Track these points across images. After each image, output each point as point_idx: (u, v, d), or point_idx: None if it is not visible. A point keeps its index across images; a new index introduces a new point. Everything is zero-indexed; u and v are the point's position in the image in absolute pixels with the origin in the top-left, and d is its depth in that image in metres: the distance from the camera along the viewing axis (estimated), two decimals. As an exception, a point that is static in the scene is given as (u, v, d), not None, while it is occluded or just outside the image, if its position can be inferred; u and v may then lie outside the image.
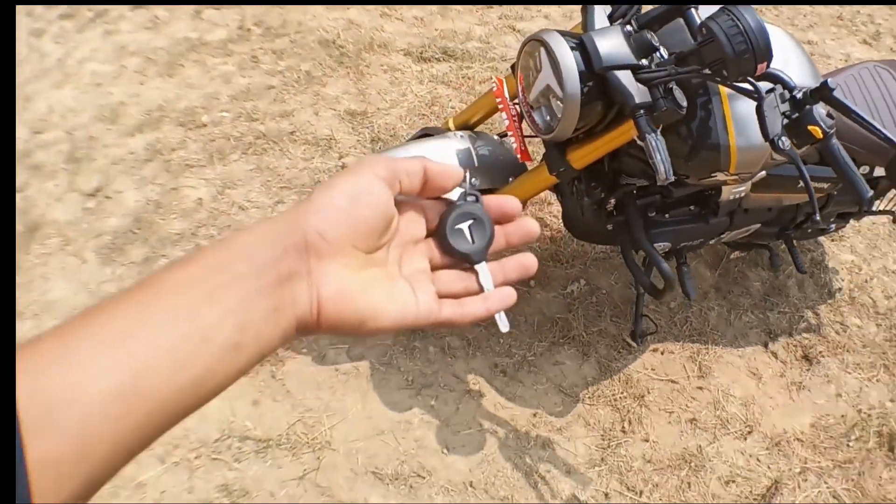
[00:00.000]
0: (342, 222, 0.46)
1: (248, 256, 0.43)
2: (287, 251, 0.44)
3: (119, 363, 0.37)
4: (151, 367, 0.37)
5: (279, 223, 0.45)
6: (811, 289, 2.54)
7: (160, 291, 0.40)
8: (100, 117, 2.67)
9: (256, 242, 0.44)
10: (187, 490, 1.87)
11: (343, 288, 0.46)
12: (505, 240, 0.57)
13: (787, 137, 1.35)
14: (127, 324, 0.38)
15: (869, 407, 2.32)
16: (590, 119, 1.55)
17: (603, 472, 2.04)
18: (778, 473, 2.13)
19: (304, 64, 2.89)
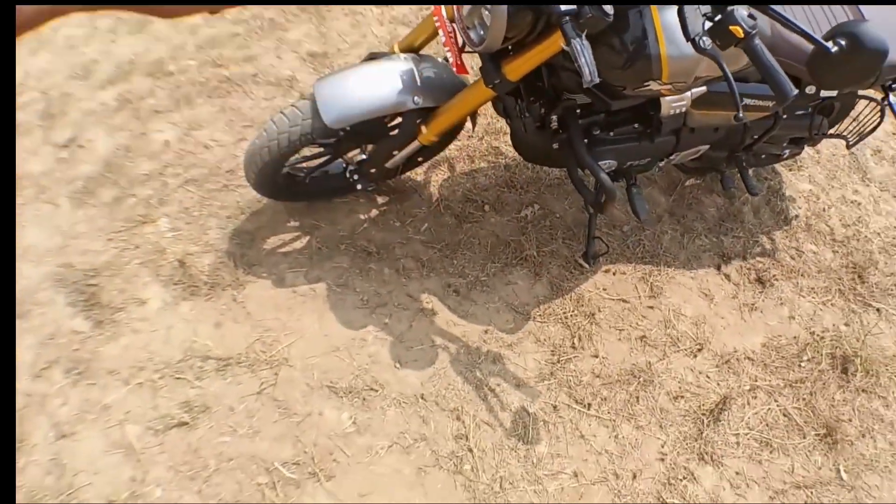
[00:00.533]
0: None
1: None
2: None
3: None
4: None
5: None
6: (767, 215, 2.58)
7: None
8: (73, 75, 2.73)
9: None
10: (151, 408, 1.93)
11: None
12: None
13: (707, 37, 1.39)
14: None
15: (822, 329, 2.36)
16: (519, 29, 1.59)
17: (552, 385, 2.09)
18: (727, 390, 2.18)
19: (268, 11, 2.94)
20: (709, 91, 1.87)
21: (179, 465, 1.85)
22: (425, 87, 1.88)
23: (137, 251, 2.23)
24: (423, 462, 1.93)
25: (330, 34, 2.89)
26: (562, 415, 2.05)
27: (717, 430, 2.10)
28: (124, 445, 1.87)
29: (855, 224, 2.64)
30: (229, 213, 2.30)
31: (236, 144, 2.47)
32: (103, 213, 2.32)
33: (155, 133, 2.52)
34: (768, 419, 2.16)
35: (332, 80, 1.89)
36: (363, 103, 1.85)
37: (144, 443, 1.87)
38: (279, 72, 2.73)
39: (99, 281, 2.16)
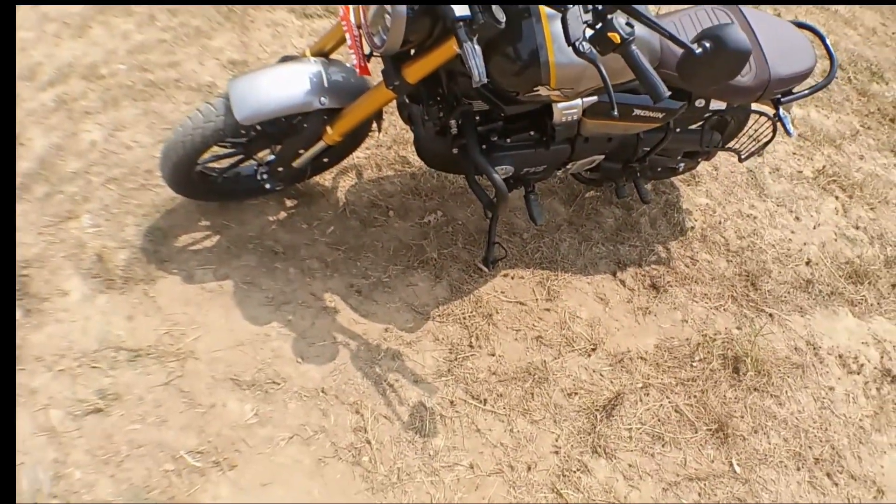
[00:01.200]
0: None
1: None
2: None
3: None
4: None
5: None
6: (663, 226, 2.68)
7: None
8: (20, 76, 2.76)
9: None
10: (71, 394, 1.96)
11: None
12: None
13: (587, 42, 1.47)
14: None
15: (714, 332, 2.45)
16: (418, 34, 1.67)
17: (449, 381, 2.16)
18: (620, 387, 2.26)
19: (195, 20, 3.00)
20: (599, 101, 1.97)
21: (95, 450, 1.88)
22: (332, 89, 1.95)
23: (62, 245, 2.25)
24: (322, 453, 1.97)
25: (251, 44, 2.95)
26: (458, 410, 2.11)
27: (610, 426, 2.18)
28: (48, 428, 1.90)
29: (750, 236, 2.75)
30: (145, 210, 2.34)
31: (155, 145, 2.51)
32: (35, 207, 2.34)
33: (84, 133, 2.55)
34: (660, 415, 2.24)
35: (245, 79, 1.95)
36: (273, 101, 1.91)
37: (65, 427, 1.91)
38: (200, 77, 2.78)
39: (29, 272, 2.18)
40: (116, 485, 1.85)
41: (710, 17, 2.20)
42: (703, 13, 2.21)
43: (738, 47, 1.49)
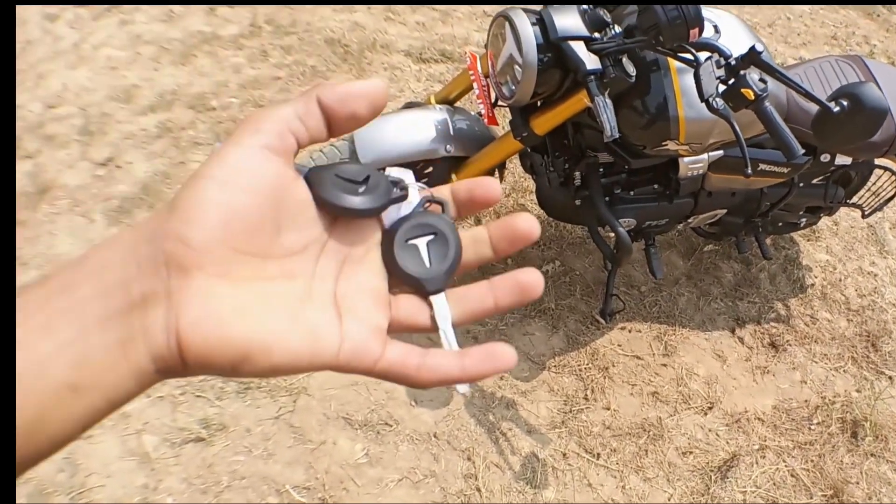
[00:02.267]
0: (210, 217, 0.36)
1: (96, 275, 0.35)
2: (142, 267, 0.35)
3: None
4: None
5: (137, 230, 0.37)
6: (783, 283, 2.71)
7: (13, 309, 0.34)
8: (113, 97, 2.93)
9: (108, 257, 0.36)
10: (170, 421, 2.06)
11: (213, 310, 0.36)
12: (491, 245, 0.46)
13: (720, 98, 1.54)
14: None
15: (834, 395, 2.46)
16: (548, 86, 1.76)
17: (563, 434, 2.21)
18: (736, 448, 2.28)
19: (310, 59, 3.15)
20: (725, 155, 2.03)
21: (193, 478, 1.97)
22: (458, 137, 2.04)
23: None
24: (431, 497, 2.04)
25: (368, 87, 3.09)
26: (570, 462, 2.16)
27: (725, 487, 2.20)
28: (140, 453, 1.99)
29: (871, 294, 2.76)
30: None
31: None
32: (138, 233, 2.47)
33: (194, 163, 2.70)
34: (776, 478, 2.25)
35: (371, 124, 2.06)
36: (398, 147, 2.01)
37: (160, 453, 2.00)
38: (318, 117, 2.92)
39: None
40: (213, 514, 1.94)
41: (834, 69, 2.25)
42: (827, 65, 2.26)
43: (876, 106, 1.55)
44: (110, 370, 0.34)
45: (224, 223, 0.36)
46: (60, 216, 2.51)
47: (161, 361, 0.35)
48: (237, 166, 0.37)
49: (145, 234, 0.36)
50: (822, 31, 3.82)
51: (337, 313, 0.41)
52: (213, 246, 0.36)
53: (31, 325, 0.33)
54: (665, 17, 1.50)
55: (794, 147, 1.53)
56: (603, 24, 1.72)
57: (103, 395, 0.34)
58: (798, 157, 1.53)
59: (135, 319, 0.34)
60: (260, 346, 0.36)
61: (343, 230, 0.43)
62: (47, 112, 2.86)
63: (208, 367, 0.36)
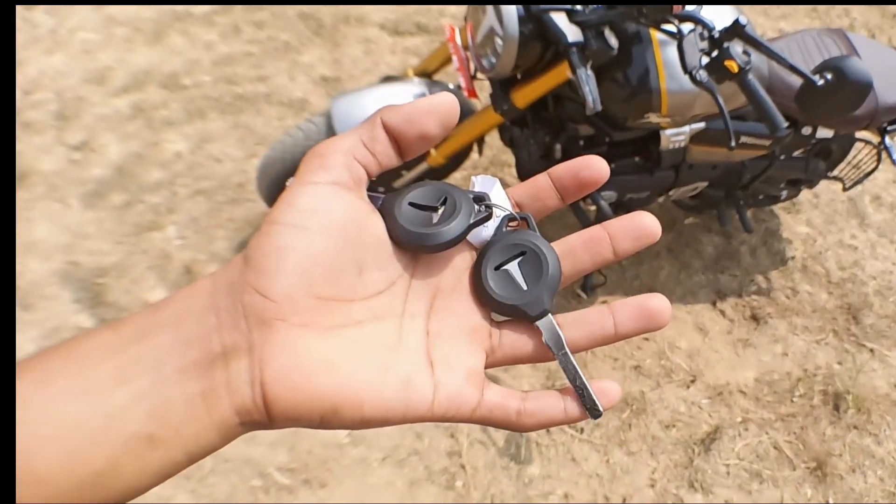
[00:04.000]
0: (287, 266, 0.35)
1: (173, 325, 0.35)
2: (221, 319, 0.35)
3: None
4: (46, 451, 0.31)
5: (215, 280, 0.36)
6: (764, 256, 2.74)
7: (67, 361, 0.34)
8: (88, 80, 2.91)
9: (185, 307, 0.35)
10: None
11: (298, 363, 0.35)
12: (611, 244, 0.42)
13: (704, 71, 1.56)
14: (27, 394, 0.32)
15: (815, 367, 2.50)
16: (529, 58, 1.77)
17: (546, 408, 2.23)
18: (719, 421, 2.32)
19: (283, 34, 3.15)
20: (707, 128, 2.05)
21: (175, 463, 1.98)
22: None
23: (145, 255, 2.38)
24: (415, 476, 2.06)
25: (343, 60, 3.09)
26: (554, 438, 2.19)
27: (708, 460, 2.23)
28: None
29: (851, 267, 2.80)
30: (237, 225, 2.46)
31: (247, 160, 2.64)
32: (113, 216, 2.47)
33: (167, 143, 2.69)
34: (759, 451, 2.29)
35: (349, 98, 2.06)
36: None
37: None
38: (291, 93, 2.92)
39: (105, 280, 2.30)
40: (197, 499, 1.94)
41: (816, 42, 2.27)
42: (808, 38, 2.28)
43: (861, 79, 1.57)
44: (191, 422, 0.34)
45: (302, 271, 0.35)
46: (37, 202, 2.50)
47: (246, 415, 0.35)
48: (309, 208, 0.36)
49: (223, 285, 0.36)
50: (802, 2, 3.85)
51: (429, 359, 0.39)
52: (294, 296, 0.35)
53: (102, 371, 0.33)
54: None
55: (778, 120, 1.55)
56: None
57: (183, 447, 0.34)
58: (781, 130, 1.55)
59: (217, 372, 0.34)
60: (350, 400, 0.36)
61: (429, 260, 0.41)
62: (24, 98, 2.84)
63: (296, 421, 0.36)
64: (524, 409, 0.40)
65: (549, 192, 0.44)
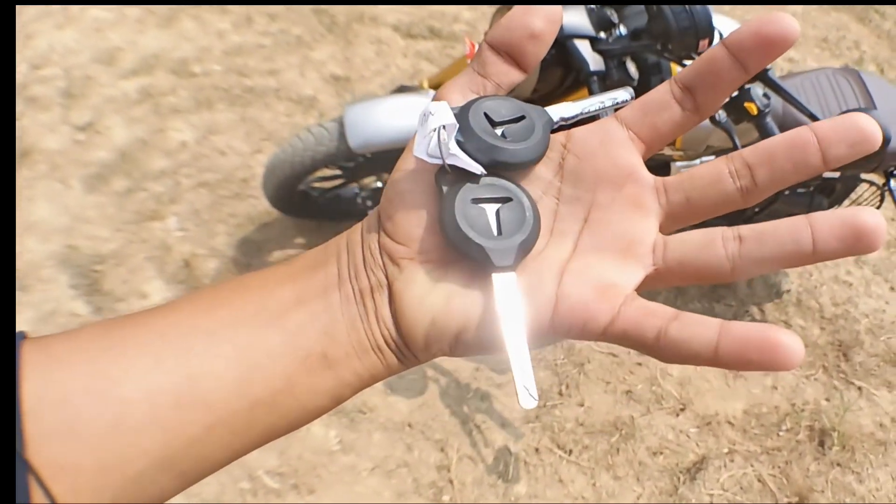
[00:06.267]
0: (403, 211, 0.37)
1: (331, 263, 0.37)
2: (366, 260, 0.37)
3: (175, 362, 0.32)
4: (216, 372, 0.32)
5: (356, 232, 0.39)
6: (760, 287, 2.72)
7: (243, 288, 0.36)
8: (97, 59, 2.85)
9: (334, 251, 0.38)
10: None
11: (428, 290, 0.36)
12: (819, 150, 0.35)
13: (723, 112, 1.53)
14: (193, 321, 0.33)
15: (803, 402, 2.49)
16: (549, 83, 1.74)
17: (536, 428, 2.21)
18: (706, 451, 2.30)
19: (296, 28, 3.09)
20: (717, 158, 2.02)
21: (164, 463, 1.95)
22: None
23: (144, 245, 2.33)
24: (403, 488, 2.03)
25: (354, 59, 3.03)
26: (543, 458, 2.17)
27: (693, 489, 2.22)
28: None
29: (845, 304, 2.79)
30: (239, 220, 2.42)
31: (252, 155, 2.59)
32: (114, 201, 2.42)
33: (173, 131, 2.64)
34: (743, 483, 2.28)
35: (362, 106, 2.02)
36: (389, 132, 1.97)
37: None
38: (301, 90, 2.86)
39: (103, 268, 2.26)
40: (186, 498, 1.91)
41: (831, 82, 2.24)
42: (823, 78, 2.25)
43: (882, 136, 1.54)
44: (357, 343, 0.36)
45: (416, 215, 0.37)
46: (38, 181, 2.44)
47: (392, 344, 0.37)
48: (409, 159, 0.38)
49: (364, 230, 0.38)
50: (814, 32, 3.81)
51: (559, 273, 0.36)
52: (415, 236, 0.36)
53: (281, 294, 0.35)
54: (676, 26, 1.48)
55: None
56: (609, 25, 1.69)
57: (352, 368, 0.36)
58: None
59: (367, 301, 0.36)
60: (478, 319, 0.36)
61: (577, 174, 0.38)
62: (32, 73, 2.78)
63: (431, 345, 0.37)
64: (666, 331, 0.34)
65: (727, 63, 0.36)
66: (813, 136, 0.34)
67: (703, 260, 0.36)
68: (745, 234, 0.35)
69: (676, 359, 0.34)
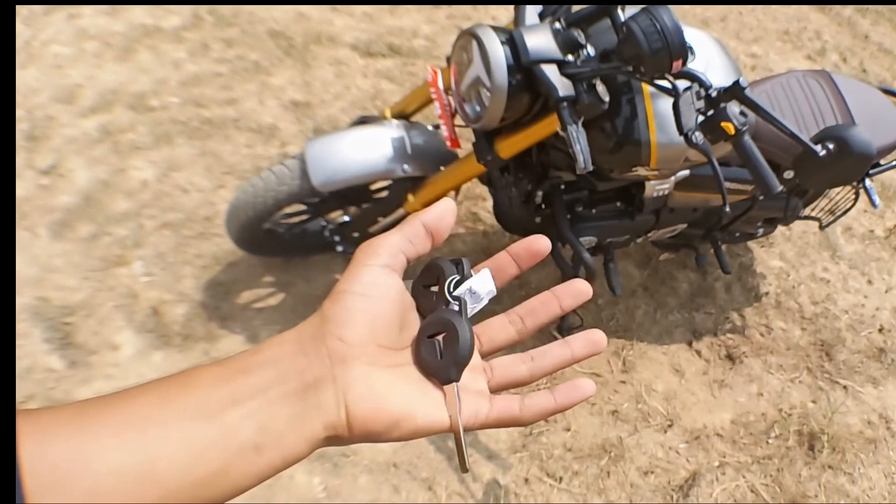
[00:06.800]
0: (357, 321, 0.46)
1: (273, 363, 0.44)
2: (311, 359, 0.45)
3: (136, 445, 0.38)
4: (168, 456, 0.39)
5: (299, 333, 0.47)
6: (738, 292, 2.67)
7: (185, 387, 0.42)
8: (58, 98, 2.73)
9: (281, 351, 0.45)
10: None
11: (371, 389, 0.46)
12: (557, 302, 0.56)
13: (700, 132, 1.45)
14: (148, 412, 0.40)
15: (790, 406, 2.44)
16: (516, 110, 1.64)
17: (524, 458, 2.14)
18: (697, 466, 2.24)
19: (253, 53, 2.98)
20: (692, 174, 1.95)
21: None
22: (415, 156, 1.92)
23: (112, 293, 2.23)
24: (391, 530, 1.96)
25: (314, 83, 2.93)
26: (533, 488, 2.10)
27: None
28: None
29: (824, 301, 2.74)
30: (205, 262, 2.32)
31: (214, 191, 2.49)
32: (80, 248, 2.33)
33: (134, 170, 2.54)
34: (736, 495, 2.22)
35: (323, 142, 1.93)
36: (352, 168, 1.88)
37: None
38: (261, 118, 2.76)
39: (74, 320, 2.16)
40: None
41: (801, 85, 2.18)
42: (794, 81, 2.19)
43: (864, 151, 1.47)
44: (289, 435, 0.43)
45: (369, 326, 0.47)
46: (0, 231, 2.33)
47: (331, 430, 0.45)
48: (370, 282, 0.48)
49: (308, 335, 0.46)
50: (775, 25, 3.77)
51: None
52: (364, 342, 0.46)
53: (216, 396, 0.42)
54: (648, 49, 1.40)
55: (772, 183, 1.46)
56: (576, 46, 1.59)
57: (281, 455, 0.43)
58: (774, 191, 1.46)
59: (310, 397, 0.44)
60: (408, 414, 0.46)
61: None
62: (-10, 117, 2.65)
63: (368, 434, 0.46)
64: (525, 405, 0.52)
65: (509, 263, 0.57)
66: (555, 297, 0.57)
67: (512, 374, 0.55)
68: (535, 355, 0.56)
69: (535, 417, 0.52)
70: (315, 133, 2.73)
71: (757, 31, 3.68)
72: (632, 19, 1.44)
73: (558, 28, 1.61)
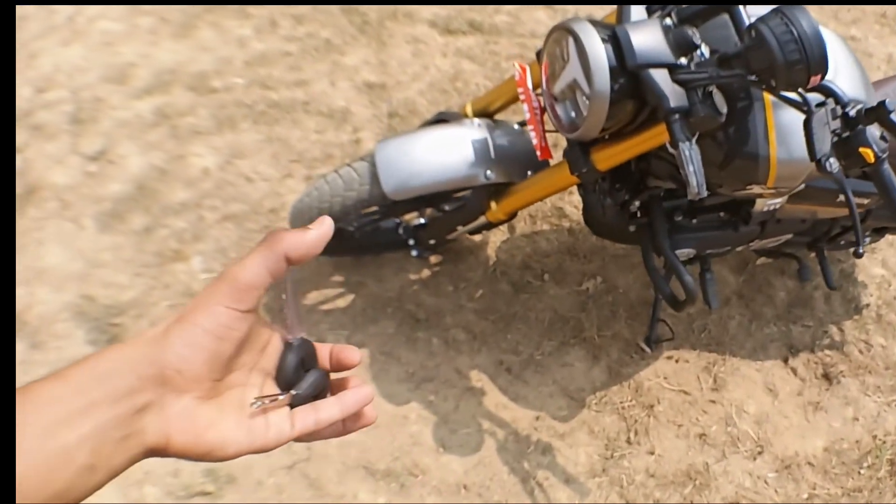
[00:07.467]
0: (199, 359, 0.49)
1: (107, 378, 0.46)
2: (143, 382, 0.47)
3: (21, 447, 0.42)
4: (25, 476, 0.42)
5: (139, 351, 0.48)
6: (838, 302, 2.43)
7: (34, 405, 0.44)
8: (107, 78, 2.59)
9: (115, 369, 0.47)
10: (171, 473, 1.82)
11: (193, 423, 0.50)
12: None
13: (835, 159, 1.23)
14: (23, 417, 0.43)
15: (885, 433, 2.22)
16: (618, 120, 1.43)
17: (603, 483, 1.96)
18: (785, 498, 2.05)
19: (324, 31, 2.77)
20: (807, 186, 1.71)
21: (200, 537, 1.75)
22: (499, 160, 1.73)
23: (167, 291, 2.11)
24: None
25: (389, 63, 2.72)
26: (620, 520, 1.93)
27: (772, 541, 1.98)
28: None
29: (928, 315, 2.50)
30: (269, 259, 2.17)
31: (281, 181, 2.33)
32: (131, 241, 2.20)
33: (193, 157, 2.39)
34: (824, 531, 2.03)
35: (396, 145, 1.74)
36: (428, 174, 1.70)
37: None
38: (332, 101, 2.57)
39: (123, 320, 2.04)
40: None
41: None
42: None
43: None
44: (116, 458, 0.46)
45: (209, 366, 0.50)
46: (48, 221, 2.21)
47: (151, 452, 0.49)
48: (225, 324, 0.50)
49: (146, 357, 0.48)
50: (872, 8, 3.44)
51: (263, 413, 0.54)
52: (199, 379, 0.50)
53: (52, 418, 0.44)
54: (783, 60, 1.17)
55: None
56: (690, 47, 1.35)
57: (109, 473, 0.46)
58: None
59: (136, 422, 0.47)
60: (220, 446, 0.51)
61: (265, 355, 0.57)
62: (37, 97, 2.52)
63: (184, 456, 0.51)
64: (318, 418, 0.56)
65: None
66: None
67: None
68: None
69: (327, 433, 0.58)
70: (390, 118, 2.54)
71: (855, 13, 3.36)
72: (762, 22, 1.21)
73: (669, 25, 1.38)
